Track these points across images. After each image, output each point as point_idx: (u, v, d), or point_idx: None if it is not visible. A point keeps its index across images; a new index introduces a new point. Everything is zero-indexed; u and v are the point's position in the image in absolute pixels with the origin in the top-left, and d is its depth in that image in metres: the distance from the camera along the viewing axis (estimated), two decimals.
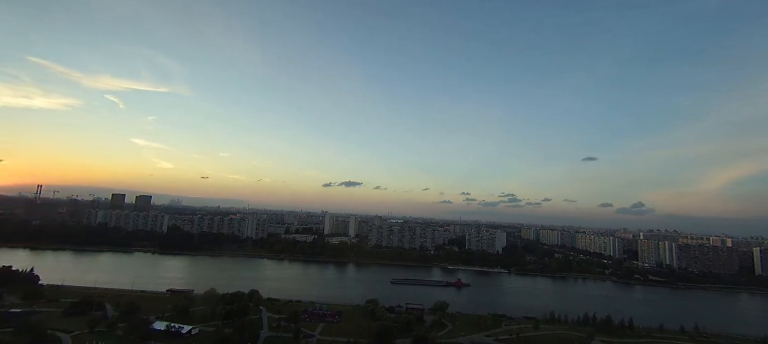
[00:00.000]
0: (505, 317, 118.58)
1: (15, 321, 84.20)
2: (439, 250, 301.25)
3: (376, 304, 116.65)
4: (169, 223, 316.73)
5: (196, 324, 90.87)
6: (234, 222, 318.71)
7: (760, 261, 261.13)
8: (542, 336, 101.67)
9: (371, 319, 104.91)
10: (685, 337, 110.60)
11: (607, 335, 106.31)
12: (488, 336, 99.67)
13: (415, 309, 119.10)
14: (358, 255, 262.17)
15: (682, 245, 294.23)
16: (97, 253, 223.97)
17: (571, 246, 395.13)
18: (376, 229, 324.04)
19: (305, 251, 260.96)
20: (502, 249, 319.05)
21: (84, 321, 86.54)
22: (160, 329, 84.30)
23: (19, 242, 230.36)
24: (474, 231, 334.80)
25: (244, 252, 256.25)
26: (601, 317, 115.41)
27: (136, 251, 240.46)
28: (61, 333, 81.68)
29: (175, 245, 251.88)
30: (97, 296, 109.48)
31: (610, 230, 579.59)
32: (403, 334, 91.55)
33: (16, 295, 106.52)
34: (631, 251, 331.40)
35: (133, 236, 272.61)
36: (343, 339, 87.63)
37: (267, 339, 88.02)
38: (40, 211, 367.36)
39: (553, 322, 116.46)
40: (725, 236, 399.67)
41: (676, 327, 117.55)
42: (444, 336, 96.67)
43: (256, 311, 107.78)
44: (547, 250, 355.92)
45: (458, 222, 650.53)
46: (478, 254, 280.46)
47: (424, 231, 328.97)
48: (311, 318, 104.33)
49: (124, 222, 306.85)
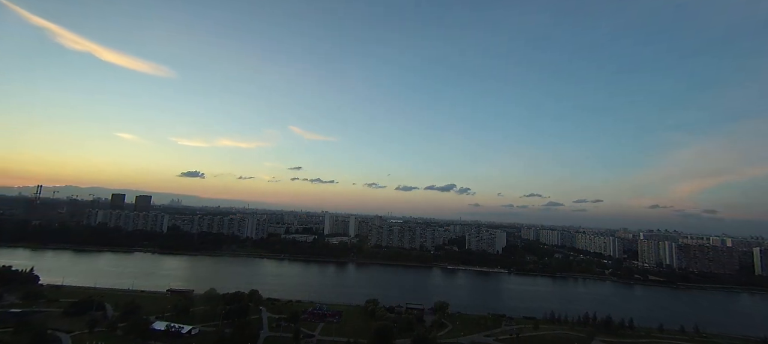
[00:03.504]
0: (505, 317, 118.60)
1: (15, 321, 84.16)
2: (439, 250, 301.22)
3: (376, 304, 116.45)
4: (169, 223, 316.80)
5: (196, 324, 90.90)
6: (234, 222, 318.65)
7: (760, 261, 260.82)
8: (542, 336, 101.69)
9: (371, 319, 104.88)
10: (685, 337, 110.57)
11: (607, 335, 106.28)
12: (488, 336, 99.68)
13: (415, 309, 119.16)
14: (358, 255, 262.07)
15: (682, 245, 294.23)
16: (97, 253, 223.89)
17: (571, 246, 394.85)
18: (376, 229, 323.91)
19: (305, 251, 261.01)
20: (502, 249, 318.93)
21: (84, 321, 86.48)
22: (160, 329, 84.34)
23: (19, 242, 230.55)
24: (474, 231, 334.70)
25: (244, 252, 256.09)
26: (601, 317, 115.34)
27: (136, 251, 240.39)
28: (61, 333, 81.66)
29: (175, 245, 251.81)
30: (97, 296, 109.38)
31: (610, 230, 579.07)
32: (403, 334, 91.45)
33: (16, 295, 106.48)
34: (631, 251, 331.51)
35: (133, 236, 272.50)
36: (343, 339, 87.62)
37: (267, 339, 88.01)
38: (40, 211, 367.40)
39: (553, 322, 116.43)
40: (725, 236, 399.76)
41: (676, 327, 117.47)
42: (444, 336, 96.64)
43: (256, 311, 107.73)
44: (547, 250, 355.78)
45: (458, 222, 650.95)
46: (478, 254, 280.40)
47: (424, 232, 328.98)
48: (311, 318, 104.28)
49: (124, 223, 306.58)
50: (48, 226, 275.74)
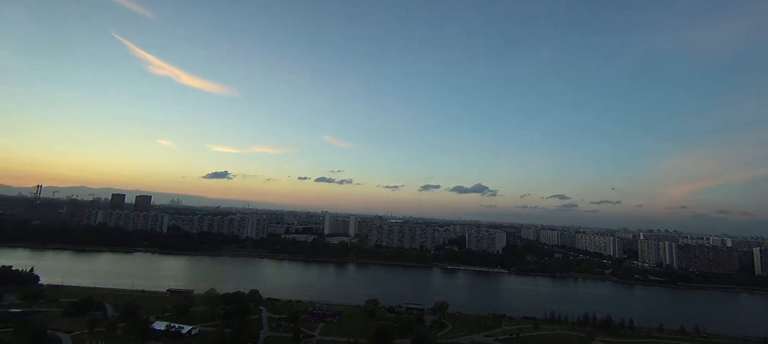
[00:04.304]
0: (505, 317, 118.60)
1: (15, 321, 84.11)
2: (439, 250, 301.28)
3: (376, 304, 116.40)
4: (169, 223, 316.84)
5: (196, 324, 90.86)
6: (234, 222, 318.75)
7: (760, 261, 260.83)
8: (542, 336, 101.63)
9: (371, 319, 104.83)
10: (685, 337, 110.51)
11: (607, 335, 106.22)
12: (488, 336, 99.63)
13: (415, 309, 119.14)
14: (358, 256, 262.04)
15: (682, 245, 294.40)
16: (97, 253, 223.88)
17: (571, 246, 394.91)
18: (376, 229, 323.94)
19: (305, 251, 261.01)
20: (502, 249, 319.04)
21: (84, 321, 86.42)
22: (160, 329, 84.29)
23: (19, 242, 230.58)
24: (474, 231, 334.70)
25: (244, 252, 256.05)
26: (601, 317, 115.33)
27: (136, 251, 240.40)
28: (61, 333, 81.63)
29: (175, 245, 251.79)
30: (97, 296, 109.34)
31: (610, 230, 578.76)
32: (403, 334, 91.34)
33: (16, 295, 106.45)
34: (631, 251, 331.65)
35: (133, 236, 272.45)
36: (343, 339, 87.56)
37: (267, 339, 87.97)
38: (40, 211, 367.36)
39: (553, 322, 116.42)
40: (725, 236, 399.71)
41: (676, 327, 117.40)
42: (444, 336, 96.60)
43: (256, 311, 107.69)
44: (547, 250, 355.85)
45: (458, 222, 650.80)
46: (478, 254, 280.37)
47: (424, 232, 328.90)
48: (311, 318, 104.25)
49: (124, 222, 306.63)
50: (48, 226, 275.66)
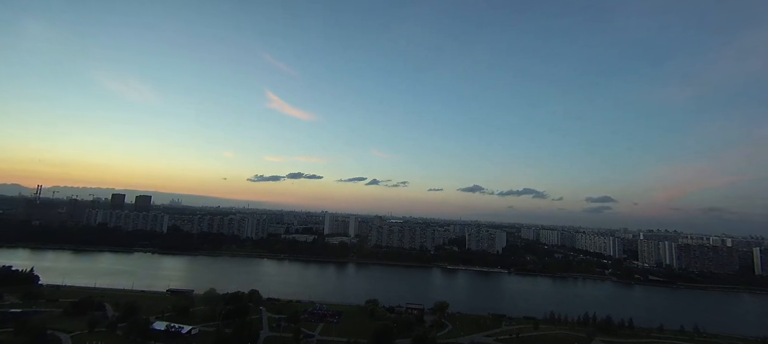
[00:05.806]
0: (505, 317, 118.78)
1: (15, 321, 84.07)
2: (439, 250, 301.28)
3: (376, 304, 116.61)
4: (169, 223, 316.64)
5: (196, 324, 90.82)
6: (234, 222, 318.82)
7: (760, 261, 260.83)
8: (542, 336, 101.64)
9: (371, 319, 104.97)
10: (685, 337, 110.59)
11: (607, 335, 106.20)
12: (488, 336, 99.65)
13: (415, 309, 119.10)
14: (358, 256, 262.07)
15: (682, 245, 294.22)
16: (97, 253, 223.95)
17: (571, 246, 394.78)
18: (376, 229, 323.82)
19: (305, 251, 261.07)
20: (502, 249, 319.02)
21: (84, 321, 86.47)
22: (160, 329, 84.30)
23: (19, 242, 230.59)
24: (474, 231, 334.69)
25: (244, 252, 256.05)
26: (601, 317, 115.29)
27: (136, 251, 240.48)
28: (61, 333, 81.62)
29: (175, 245, 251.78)
30: (97, 296, 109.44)
31: (610, 230, 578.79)
32: (403, 334, 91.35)
33: (16, 295, 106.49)
34: (631, 251, 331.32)
35: (133, 236, 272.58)
36: (342, 339, 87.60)
37: (267, 339, 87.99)
38: (40, 211, 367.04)
39: (553, 322, 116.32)
40: (725, 236, 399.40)
41: (676, 327, 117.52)
42: (444, 336, 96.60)
43: (256, 311, 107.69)
44: (547, 250, 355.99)
45: (458, 222, 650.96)
46: (478, 254, 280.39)
47: (424, 232, 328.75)
48: (311, 318, 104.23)
49: (124, 222, 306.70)
50: (48, 226, 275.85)
